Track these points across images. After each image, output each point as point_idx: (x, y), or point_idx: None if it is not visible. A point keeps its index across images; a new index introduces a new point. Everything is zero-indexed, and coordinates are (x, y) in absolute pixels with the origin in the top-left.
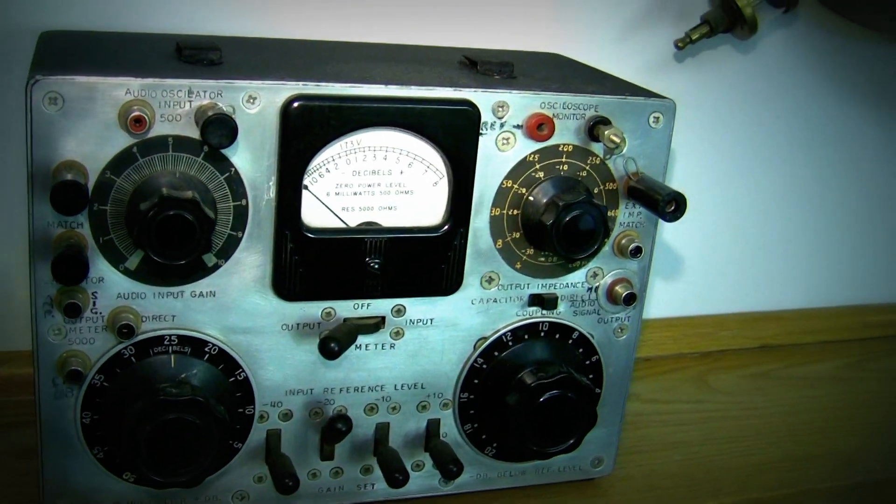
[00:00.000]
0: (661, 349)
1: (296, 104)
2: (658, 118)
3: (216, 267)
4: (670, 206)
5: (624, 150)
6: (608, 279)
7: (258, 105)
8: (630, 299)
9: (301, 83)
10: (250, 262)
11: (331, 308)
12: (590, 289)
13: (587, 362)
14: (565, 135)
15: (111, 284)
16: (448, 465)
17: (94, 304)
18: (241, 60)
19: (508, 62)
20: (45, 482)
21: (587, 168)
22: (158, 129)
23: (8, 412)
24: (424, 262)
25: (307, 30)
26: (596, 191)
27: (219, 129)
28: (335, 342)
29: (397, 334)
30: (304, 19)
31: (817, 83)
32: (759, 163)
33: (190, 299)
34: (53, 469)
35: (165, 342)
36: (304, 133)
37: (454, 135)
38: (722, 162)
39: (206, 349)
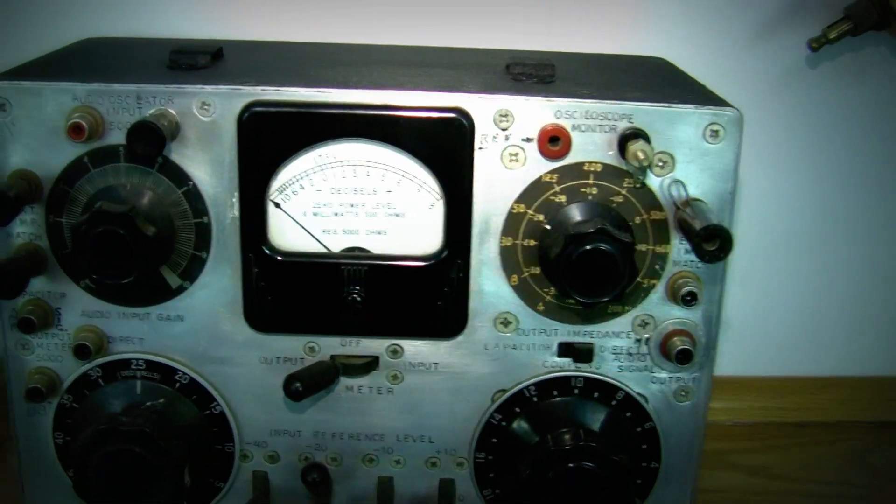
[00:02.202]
0: (820, 414)
1: (250, 111)
2: (717, 132)
3: (181, 289)
4: (712, 242)
5: (673, 172)
6: (662, 330)
7: (213, 112)
8: (684, 357)
9: (259, 88)
10: (219, 286)
11: (314, 343)
12: (638, 340)
13: (638, 429)
14: (592, 151)
15: (74, 301)
16: None
17: (59, 320)
18: (236, 65)
19: (549, 64)
20: (25, 499)
21: (623, 192)
22: (111, 138)
23: None
24: (415, 298)
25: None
26: (638, 220)
27: (141, 138)
28: (299, 382)
29: (395, 378)
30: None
31: None
32: None
33: (157, 322)
34: (33, 488)
35: (132, 366)
36: (263, 144)
37: (441, 149)
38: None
39: (177, 377)
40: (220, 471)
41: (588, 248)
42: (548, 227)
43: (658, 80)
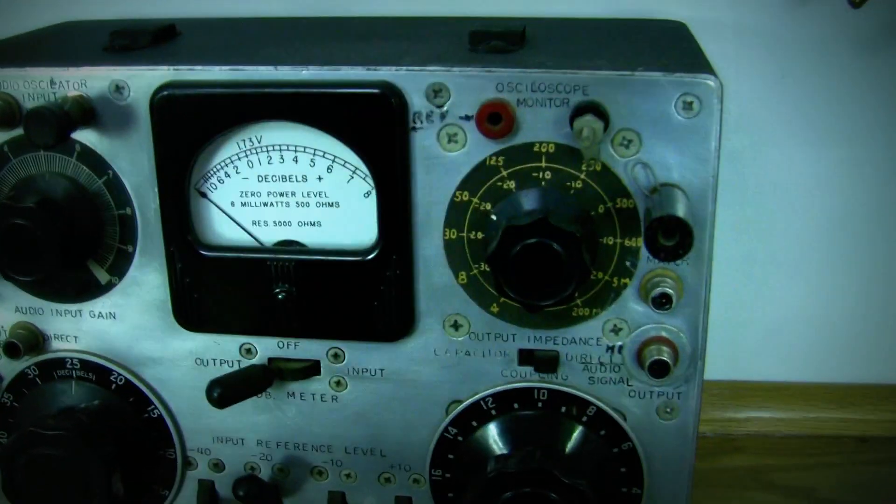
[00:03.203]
0: (884, 428)
1: (162, 93)
2: (691, 104)
3: (111, 285)
4: (670, 236)
5: (639, 153)
6: (637, 337)
7: (128, 96)
8: (659, 370)
9: (172, 68)
10: (148, 282)
11: (250, 345)
12: (610, 348)
13: (615, 450)
14: (543, 129)
15: (8, 297)
16: None
17: None
18: (181, 44)
19: (516, 32)
20: None
21: (582, 177)
22: None
23: None
24: (350, 296)
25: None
26: (601, 209)
27: (38, 126)
28: (219, 388)
29: (339, 384)
30: None
31: None
32: None
33: (90, 320)
34: None
35: (68, 366)
36: (179, 128)
37: (369, 130)
38: None
39: (112, 378)
40: (163, 478)
41: (527, 242)
42: (494, 217)
43: (644, 47)
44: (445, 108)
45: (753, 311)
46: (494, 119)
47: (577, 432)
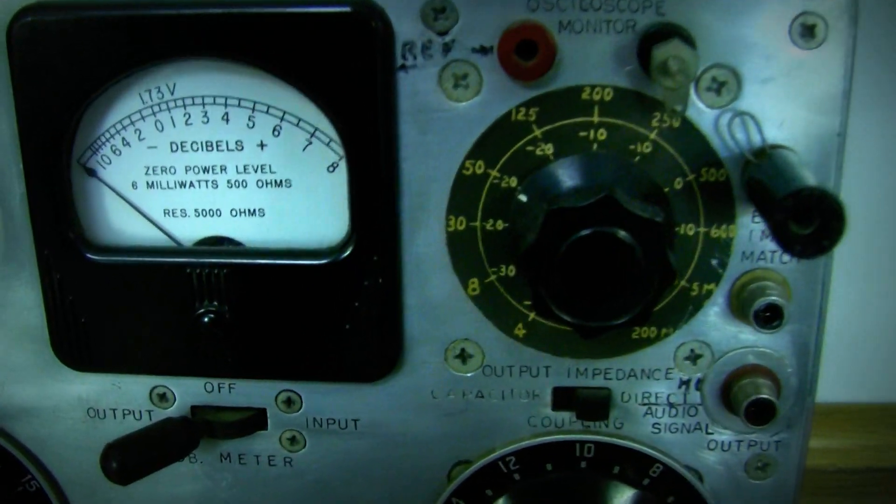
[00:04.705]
0: None
1: (23, 21)
2: (813, 28)
3: None
4: (805, 223)
5: (737, 101)
6: (724, 366)
7: None
8: (760, 413)
9: None
10: (16, 302)
11: (165, 388)
12: (685, 383)
13: None
14: (596, 67)
15: None
16: None
17: None
18: None
19: None
20: None
21: (653, 136)
22: None
23: None
24: (310, 318)
25: None
26: (679, 185)
27: None
28: (120, 455)
29: (293, 442)
30: None
31: None
32: None
33: None
34: None
35: None
36: (50, 73)
37: (334, 69)
38: None
39: None
40: None
41: (584, 233)
42: (523, 197)
43: None
44: (451, 37)
45: None
46: (526, 51)
47: (636, 499)
